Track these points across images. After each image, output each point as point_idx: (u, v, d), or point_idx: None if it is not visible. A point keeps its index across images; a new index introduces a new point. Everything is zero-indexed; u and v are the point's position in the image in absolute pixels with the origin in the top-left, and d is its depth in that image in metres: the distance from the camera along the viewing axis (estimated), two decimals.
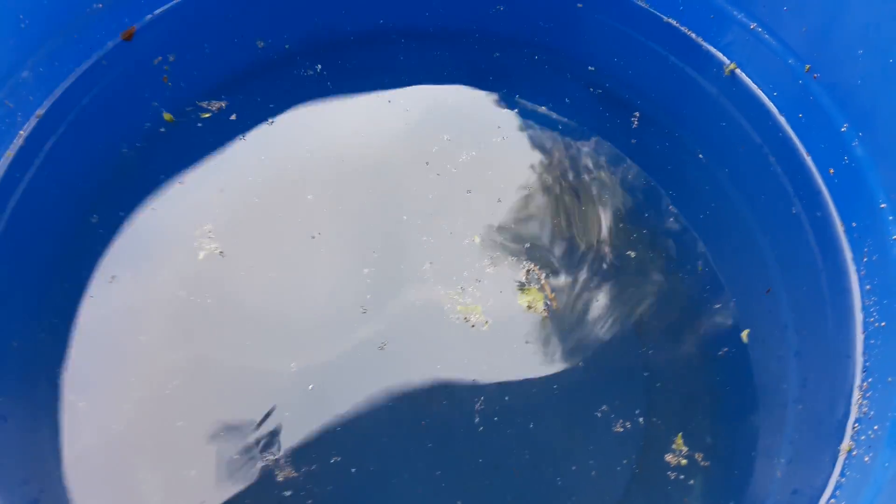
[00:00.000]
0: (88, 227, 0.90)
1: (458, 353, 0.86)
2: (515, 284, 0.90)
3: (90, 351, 0.83)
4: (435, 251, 0.91)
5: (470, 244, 0.92)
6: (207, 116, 0.98)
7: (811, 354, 0.87)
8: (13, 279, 0.86)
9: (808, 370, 0.86)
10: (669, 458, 0.82)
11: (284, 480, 0.79)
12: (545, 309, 0.89)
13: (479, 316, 0.88)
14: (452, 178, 0.97)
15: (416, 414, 0.82)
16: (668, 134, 1.01)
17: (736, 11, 1.00)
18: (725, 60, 1.03)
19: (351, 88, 1.03)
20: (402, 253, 0.91)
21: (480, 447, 0.81)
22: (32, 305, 0.86)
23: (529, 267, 0.91)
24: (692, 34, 1.05)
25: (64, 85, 0.95)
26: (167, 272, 0.88)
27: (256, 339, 0.86)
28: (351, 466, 0.80)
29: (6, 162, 0.91)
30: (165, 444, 0.80)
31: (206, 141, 0.96)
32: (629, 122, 1.01)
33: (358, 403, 0.82)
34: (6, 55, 0.91)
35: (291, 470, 0.79)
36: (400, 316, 0.87)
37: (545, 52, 1.06)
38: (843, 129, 0.92)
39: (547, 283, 0.90)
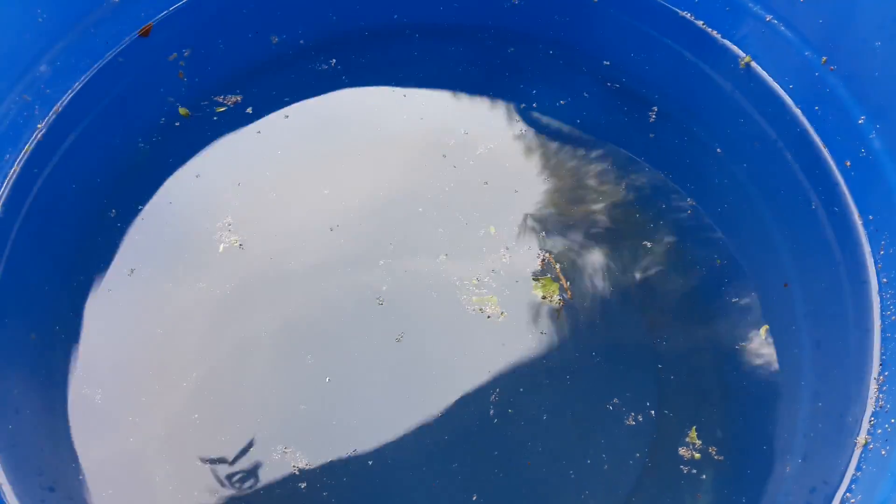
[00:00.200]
0: (107, 220, 0.91)
1: (473, 344, 0.86)
2: (531, 275, 0.90)
3: (107, 344, 0.84)
4: (451, 242, 0.92)
5: (486, 234, 0.92)
6: (223, 110, 0.98)
7: (827, 348, 0.87)
8: (31, 272, 0.87)
9: (823, 364, 0.86)
10: (682, 451, 0.81)
11: (300, 472, 0.79)
12: (560, 300, 0.89)
13: (494, 307, 0.88)
14: (469, 170, 0.97)
15: (432, 406, 0.82)
16: (684, 129, 1.01)
17: (751, 4, 0.99)
18: (741, 54, 1.02)
19: (366, 83, 1.03)
20: (418, 244, 0.92)
21: (495, 439, 0.81)
22: (50, 298, 0.86)
23: (545, 257, 0.91)
24: (707, 27, 1.04)
25: (82, 80, 0.96)
26: (187, 264, 0.89)
27: (274, 330, 0.86)
28: (367, 459, 0.80)
29: (25, 156, 0.92)
30: (181, 436, 0.81)
31: (221, 135, 0.97)
32: (646, 116, 1.01)
33: (374, 396, 0.83)
34: (24, 49, 0.92)
35: (307, 462, 0.80)
36: (416, 308, 0.88)
37: (560, 47, 1.06)
38: (860, 121, 0.92)
39: (562, 273, 0.91)
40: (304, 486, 0.79)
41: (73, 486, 0.79)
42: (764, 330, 0.88)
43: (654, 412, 0.83)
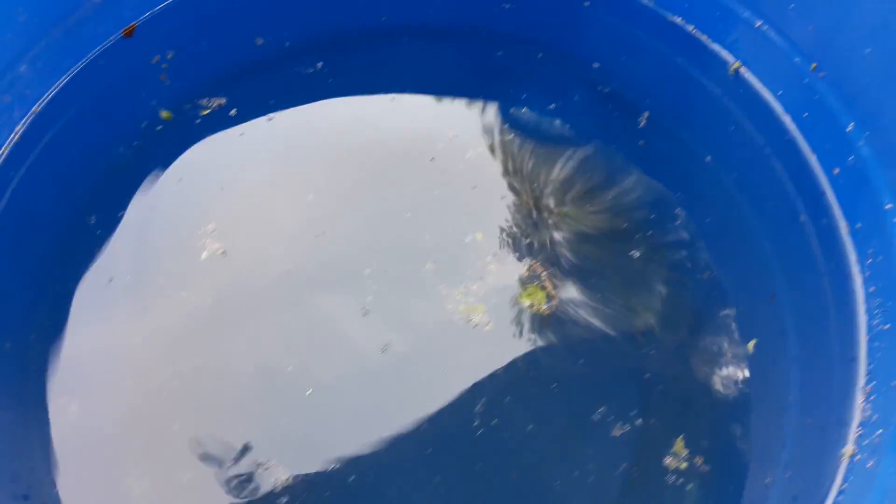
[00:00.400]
0: (85, 227, 0.89)
1: (460, 354, 0.85)
2: (518, 282, 0.89)
3: (85, 353, 0.83)
4: (438, 249, 0.91)
5: (472, 241, 0.92)
6: (206, 113, 0.97)
7: (814, 359, 0.86)
8: (6, 279, 0.86)
9: (810, 375, 0.85)
10: (668, 461, 0.81)
11: (280, 487, 0.78)
12: (547, 308, 0.88)
13: (481, 316, 0.87)
14: (458, 174, 0.96)
15: (416, 418, 0.82)
16: (673, 135, 1.00)
17: (742, 9, 0.99)
18: (730, 59, 1.02)
19: (353, 85, 1.02)
20: (404, 251, 0.91)
21: (479, 451, 0.80)
22: (26, 306, 0.85)
23: (532, 264, 0.91)
24: (697, 32, 1.03)
25: (62, 81, 0.94)
26: (168, 273, 0.88)
27: (256, 341, 0.85)
28: (349, 473, 0.79)
29: (1, 158, 0.90)
30: (158, 447, 0.80)
31: (204, 138, 0.96)
32: (636, 122, 1.00)
33: (357, 409, 0.82)
34: (4, 49, 0.90)
35: (287, 476, 0.79)
36: (402, 317, 0.87)
37: (551, 50, 1.05)
38: (848, 128, 0.91)
39: (549, 280, 0.90)
40: (284, 501, 0.78)
41: (48, 495, 0.77)
42: (752, 344, 0.87)
43: (640, 421, 0.82)
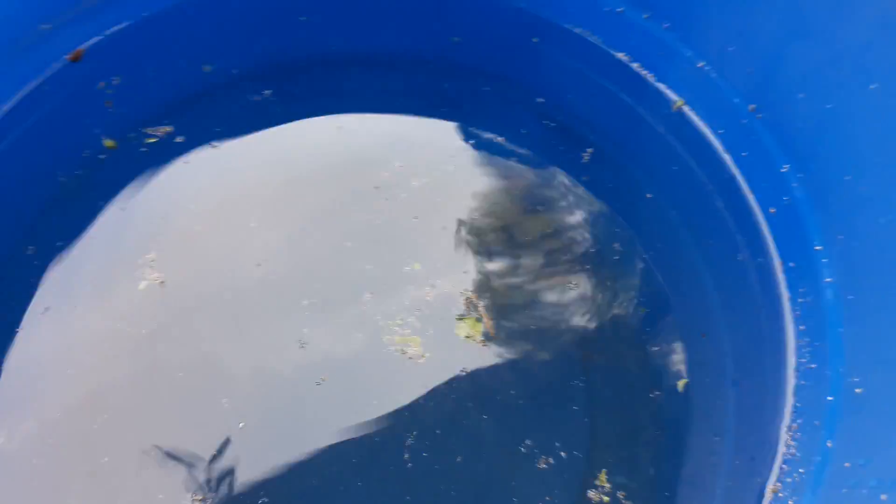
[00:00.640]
0: (24, 258, 0.89)
1: (394, 386, 0.86)
2: (454, 314, 0.90)
3: (16, 385, 0.83)
4: (376, 279, 0.92)
5: (410, 271, 0.93)
6: (152, 141, 0.98)
7: (746, 394, 0.88)
8: None
9: (742, 410, 0.87)
10: (592, 494, 0.82)
11: None
12: (482, 339, 0.89)
13: (416, 348, 0.88)
14: (401, 203, 0.97)
15: (347, 451, 0.82)
16: (619, 169, 1.02)
17: (685, 48, 1.01)
18: (674, 97, 1.04)
19: (299, 113, 1.03)
20: (343, 282, 0.92)
21: (408, 484, 0.81)
22: None
23: (469, 295, 0.92)
24: (642, 70, 1.05)
25: (5, 107, 0.94)
26: (106, 303, 0.88)
27: (191, 373, 0.86)
28: None
29: None
30: (91, 481, 0.80)
31: (148, 167, 0.96)
32: (581, 156, 1.02)
33: (289, 442, 0.83)
34: None
35: None
36: (338, 349, 0.88)
37: (499, 83, 1.07)
38: (783, 169, 0.93)
39: (485, 312, 0.91)
40: None
41: None
42: (682, 384, 0.89)
43: (565, 454, 0.84)
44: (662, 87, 1.04)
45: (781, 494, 0.82)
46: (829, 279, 0.86)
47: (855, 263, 0.83)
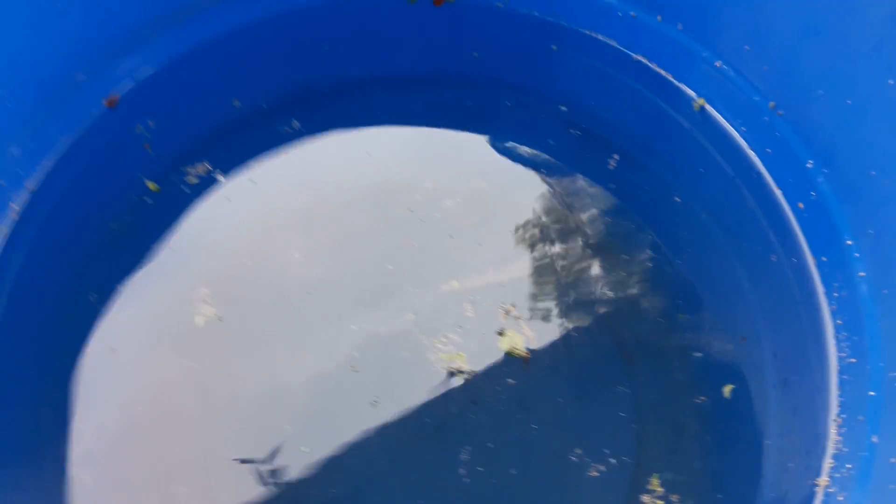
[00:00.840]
0: (84, 301, 0.92)
1: (444, 403, 0.89)
2: (496, 328, 0.93)
3: (94, 425, 0.86)
4: (418, 300, 0.95)
5: (449, 290, 0.95)
6: (194, 182, 1.01)
7: (793, 393, 0.89)
8: (14, 356, 0.89)
9: (789, 409, 0.89)
10: (646, 499, 0.85)
11: None
12: (526, 351, 0.92)
13: (462, 363, 0.91)
14: (436, 223, 1.00)
15: (405, 470, 0.86)
16: (647, 173, 1.03)
17: (701, 49, 1.02)
18: (695, 96, 1.05)
19: (329, 141, 1.05)
20: (387, 304, 0.94)
21: (468, 500, 0.84)
22: (34, 381, 0.88)
23: (509, 308, 0.95)
24: (662, 71, 1.06)
25: (52, 159, 0.98)
26: (167, 341, 0.91)
27: (253, 404, 0.89)
28: None
29: (3, 239, 0.94)
30: None
31: (191, 205, 0.99)
32: (608, 161, 1.04)
33: (350, 464, 0.86)
34: None
35: None
36: (388, 370, 0.91)
37: (522, 95, 1.08)
38: (808, 164, 0.94)
39: (526, 324, 0.94)
40: None
41: None
42: (728, 389, 0.90)
43: (615, 461, 0.86)
44: (683, 87, 1.05)
45: (832, 490, 0.83)
46: (862, 273, 0.88)
47: (887, 258, 0.84)
